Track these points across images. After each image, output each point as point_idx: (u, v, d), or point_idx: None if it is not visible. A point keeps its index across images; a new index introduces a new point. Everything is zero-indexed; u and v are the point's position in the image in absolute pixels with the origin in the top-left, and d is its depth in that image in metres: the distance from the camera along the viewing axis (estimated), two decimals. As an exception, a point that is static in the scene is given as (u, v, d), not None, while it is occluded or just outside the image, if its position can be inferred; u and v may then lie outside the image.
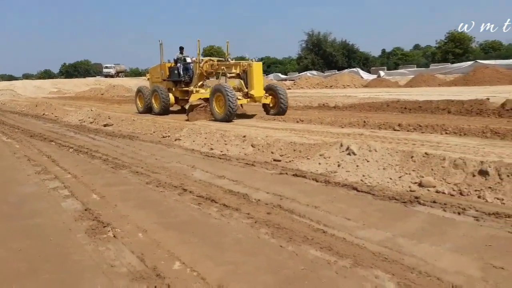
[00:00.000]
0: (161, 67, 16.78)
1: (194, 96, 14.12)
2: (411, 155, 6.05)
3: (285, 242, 3.91)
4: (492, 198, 4.82)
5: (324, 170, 6.47)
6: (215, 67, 14.53)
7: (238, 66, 13.40)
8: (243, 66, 13.13)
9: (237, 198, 5.37)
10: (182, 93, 16.04)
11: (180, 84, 16.04)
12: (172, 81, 16.33)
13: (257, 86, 12.79)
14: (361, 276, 3.21)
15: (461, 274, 3.15)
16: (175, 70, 16.08)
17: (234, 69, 13.55)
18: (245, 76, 13.06)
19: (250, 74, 12.77)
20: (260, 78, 13.07)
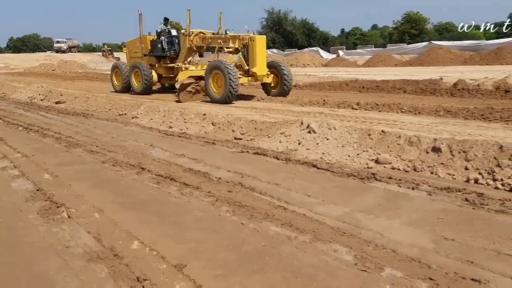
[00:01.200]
0: (141, 41, 14.81)
1: (183, 73, 12.41)
2: (368, 133, 6.19)
3: (246, 219, 3.91)
4: (444, 174, 5.03)
5: (285, 148, 6.50)
6: (207, 40, 12.79)
7: (237, 40, 11.72)
8: (243, 40, 11.47)
9: (198, 176, 5.30)
10: (166, 70, 14.33)
11: (165, 60, 14.31)
12: (155, 56, 14.54)
13: (260, 63, 11.26)
14: (321, 250, 3.27)
15: (414, 246, 3.28)
16: (158, 44, 14.20)
17: (232, 43, 11.84)
18: (245, 51, 11.51)
19: (252, 49, 11.18)
20: (264, 54, 11.56)
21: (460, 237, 3.40)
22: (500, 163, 4.75)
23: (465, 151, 5.13)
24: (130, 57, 15.61)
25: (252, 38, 11.20)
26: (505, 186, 4.48)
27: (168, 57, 14.18)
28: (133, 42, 15.49)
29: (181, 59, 13.56)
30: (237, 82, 10.50)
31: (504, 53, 24.92)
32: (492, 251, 3.14)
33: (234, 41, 11.79)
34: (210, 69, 11.09)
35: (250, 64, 11.35)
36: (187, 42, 13.12)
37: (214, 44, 12.57)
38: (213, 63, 11.15)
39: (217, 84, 11.06)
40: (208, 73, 11.19)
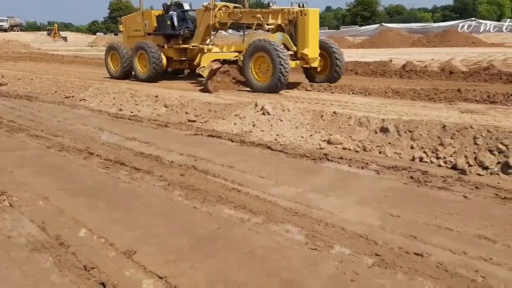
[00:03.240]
0: (144, 16, 12.09)
1: (207, 56, 9.85)
2: (321, 114, 6.28)
3: (199, 203, 3.87)
4: (392, 153, 5.21)
5: (240, 130, 6.48)
6: (236, 16, 10.01)
7: (280, 15, 9.26)
8: (290, 15, 9.07)
9: (149, 160, 5.17)
10: (177, 52, 11.67)
11: (176, 40, 11.62)
12: (163, 35, 11.77)
13: (313, 43, 9.02)
14: (273, 231, 3.30)
15: (362, 224, 3.39)
16: (167, 21, 11.52)
17: (273, 19, 9.37)
18: (292, 28, 9.15)
19: (303, 26, 8.87)
20: (317, 32, 9.21)
21: (405, 214, 3.55)
22: (443, 141, 4.98)
23: (411, 130, 5.33)
24: (128, 36, 12.77)
25: (303, 12, 8.87)
26: (447, 164, 4.72)
27: (181, 36, 11.54)
28: (132, 18, 12.76)
29: (197, 39, 10.96)
30: (289, 68, 8.44)
31: (449, 35, 26.05)
32: (434, 226, 3.31)
33: (276, 16, 9.32)
34: (252, 51, 8.82)
35: (300, 44, 8.99)
36: (210, 18, 10.32)
37: (245, 20, 10.06)
38: (256, 44, 8.76)
39: (260, 70, 8.88)
40: (248, 56, 8.88)
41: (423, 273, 2.65)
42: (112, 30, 70.72)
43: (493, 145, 4.58)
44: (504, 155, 4.43)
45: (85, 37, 59.06)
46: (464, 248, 2.93)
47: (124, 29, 13.01)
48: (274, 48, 8.37)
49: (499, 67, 11.22)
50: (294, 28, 9.14)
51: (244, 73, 9.12)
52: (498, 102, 6.85)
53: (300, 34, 9.00)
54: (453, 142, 4.90)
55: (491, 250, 2.89)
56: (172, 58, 11.76)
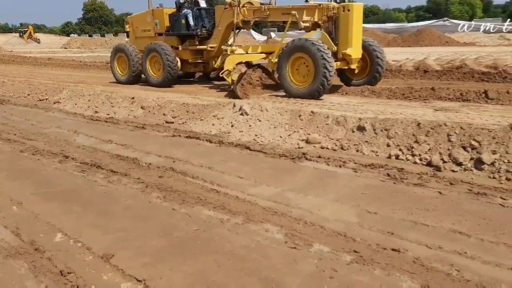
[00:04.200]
0: (155, 15, 11.02)
1: (231, 59, 8.75)
2: (299, 114, 6.31)
3: (178, 204, 3.84)
4: (368, 151, 5.29)
5: (218, 130, 6.45)
6: (263, 13, 8.86)
7: (317, 11, 8.20)
8: (329, 10, 8.05)
9: (126, 163, 5.10)
10: (193, 54, 10.63)
11: (192, 41, 10.58)
12: (177, 36, 10.74)
13: (356, 42, 8.04)
14: (252, 231, 3.30)
15: (340, 221, 3.42)
16: (181, 19, 10.49)
17: (308, 16, 8.32)
18: (332, 26, 8.17)
19: (346, 23, 7.87)
20: (361, 29, 8.27)
21: (382, 210, 3.60)
22: (418, 139, 5.07)
23: (387, 129, 5.41)
24: (135, 36, 11.71)
25: (346, 7, 7.88)
26: (423, 161, 4.81)
27: (198, 36, 10.49)
28: (140, 17, 11.62)
29: (217, 39, 10.07)
30: (334, 71, 7.55)
31: (423, 35, 26.60)
32: (410, 222, 3.37)
33: (312, 13, 8.26)
34: (289, 51, 7.87)
35: (342, 43, 7.98)
36: (232, 16, 9.26)
37: (274, 18, 9.09)
38: (295, 44, 7.79)
39: (298, 73, 7.91)
40: (284, 57, 7.91)
41: (400, 268, 2.70)
42: (87, 32, 69.42)
43: (466, 142, 4.69)
44: (477, 151, 4.55)
45: (59, 38, 57.86)
46: (439, 242, 2.99)
47: (130, 29, 11.89)
48: (318, 48, 7.37)
49: (471, 65, 11.50)
50: (334, 25, 8.13)
51: (279, 77, 8.13)
52: (471, 100, 7.02)
53: (342, 32, 7.94)
54: (428, 140, 5.00)
55: (465, 244, 2.96)
56: (186, 61, 10.67)
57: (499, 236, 3.04)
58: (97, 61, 19.11)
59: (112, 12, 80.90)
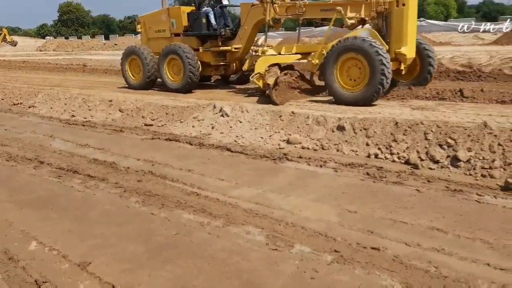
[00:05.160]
0: (171, 14, 10.04)
1: (262, 61, 7.82)
2: (279, 115, 6.32)
3: (157, 209, 3.78)
4: (348, 150, 5.32)
5: (198, 132, 6.40)
6: (299, 10, 7.98)
7: (363, 6, 7.34)
8: (379, 5, 7.17)
9: (104, 167, 5.00)
10: (215, 55, 9.72)
11: (214, 42, 9.59)
12: (197, 36, 9.76)
13: (411, 40, 7.17)
14: (233, 233, 3.27)
15: (321, 221, 3.43)
16: (202, 18, 9.54)
17: (354, 12, 7.44)
18: (383, 22, 7.39)
19: (400, 19, 6.97)
20: (415, 26, 7.34)
21: (362, 209, 3.62)
22: (396, 138, 5.14)
23: (366, 128, 5.46)
24: (148, 38, 10.72)
25: (400, 1, 7.00)
26: (401, 159, 4.87)
27: (221, 37, 9.49)
28: (153, 17, 10.63)
29: (242, 40, 9.14)
30: (391, 76, 6.70)
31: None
32: (389, 220, 3.40)
33: (358, 8, 7.41)
34: (339, 52, 6.99)
35: (395, 41, 7.08)
36: (261, 14, 8.47)
37: (311, 15, 8.25)
38: (347, 43, 6.92)
39: (348, 76, 7.05)
40: (332, 58, 7.06)
41: (380, 266, 2.71)
42: (63, 34, 68.11)
43: (442, 140, 4.77)
44: (453, 149, 4.63)
45: (34, 41, 56.54)
46: (418, 240, 3.02)
47: (142, 30, 10.90)
48: (377, 51, 6.52)
49: (447, 65, 11.71)
50: (385, 22, 7.36)
51: (325, 80, 7.28)
52: (447, 99, 7.15)
53: (395, 30, 7.08)
54: (406, 138, 5.06)
55: (443, 241, 3.00)
56: (208, 63, 9.75)
57: (475, 232, 3.09)
58: (73, 64, 18.75)
59: (89, 13, 79.72)
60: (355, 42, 6.80)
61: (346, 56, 6.93)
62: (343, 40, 6.99)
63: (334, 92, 7.15)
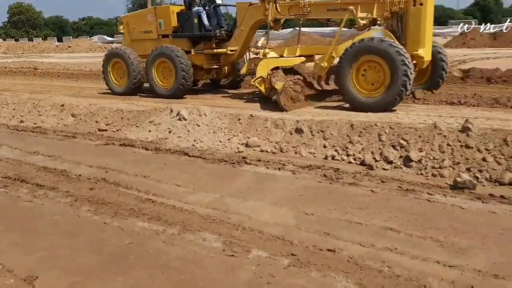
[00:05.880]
0: (158, 14, 9.34)
1: (264, 64, 7.42)
2: (238, 118, 6.29)
3: (110, 218, 3.64)
4: (306, 153, 5.37)
5: (155, 137, 6.26)
6: (303, 9, 7.50)
7: (376, 6, 6.89)
8: (394, 5, 6.71)
9: (54, 175, 4.78)
10: (208, 58, 9.10)
11: (208, 43, 8.93)
12: (189, 38, 9.09)
13: (429, 41, 6.76)
14: (189, 241, 3.20)
15: (279, 225, 3.42)
16: (193, 19, 8.91)
17: (363, 12, 6.99)
18: (398, 22, 6.95)
19: (417, 20, 6.51)
20: (432, 27, 6.84)
21: (319, 211, 3.65)
22: (352, 139, 5.24)
23: (323, 130, 5.54)
24: (132, 39, 9.89)
25: (418, 1, 6.51)
26: (357, 160, 4.97)
27: (215, 38, 8.86)
28: (138, 17, 9.91)
29: (238, 41, 8.59)
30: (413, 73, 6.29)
31: (357, 39, 27.77)
32: (345, 221, 3.45)
33: (370, 8, 6.95)
34: (356, 53, 6.52)
35: (412, 43, 6.59)
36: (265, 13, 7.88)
37: (316, 16, 7.79)
38: (364, 44, 6.45)
39: (365, 79, 6.60)
40: (348, 60, 6.59)
41: (336, 268, 2.74)
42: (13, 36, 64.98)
43: (395, 141, 4.91)
44: (405, 149, 4.77)
45: (-18, 43, 53.65)
46: (372, 240, 3.08)
47: (125, 31, 10.04)
48: (398, 51, 6.11)
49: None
50: (400, 22, 6.94)
51: (339, 84, 6.82)
52: (400, 100, 7.37)
53: (412, 30, 6.62)
54: (361, 140, 5.17)
55: (396, 240, 3.08)
56: (200, 67, 9.09)
57: (426, 231, 3.19)
58: (24, 67, 17.90)
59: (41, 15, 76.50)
60: (373, 43, 6.36)
61: (363, 58, 6.48)
62: (359, 41, 6.52)
63: (350, 97, 6.67)
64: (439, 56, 7.34)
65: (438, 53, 7.35)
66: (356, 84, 6.60)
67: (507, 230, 3.14)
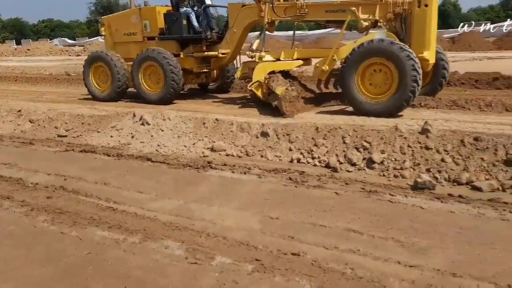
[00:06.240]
0: (143, 15, 8.85)
1: (261, 68, 7.10)
2: (203, 122, 6.23)
3: (68, 227, 3.50)
4: (272, 156, 5.37)
5: (117, 143, 6.09)
6: (300, 10, 7.26)
7: (378, 7, 6.66)
8: (397, 6, 6.52)
9: (9, 184, 4.56)
10: (198, 62, 8.69)
11: (197, 46, 8.55)
12: (177, 40, 8.65)
13: (433, 44, 6.55)
14: (151, 249, 3.12)
15: (244, 230, 3.39)
16: (182, 20, 8.48)
17: (365, 14, 6.75)
18: (402, 24, 6.71)
19: (423, 22, 6.31)
20: (436, 29, 6.66)
21: (284, 215, 3.65)
22: (316, 142, 5.28)
23: (289, 133, 5.56)
24: (114, 41, 9.39)
25: (422, 2, 6.31)
26: (322, 163, 5.01)
27: (206, 40, 8.49)
28: (121, 18, 9.35)
29: (231, 44, 8.26)
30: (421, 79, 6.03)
31: (322, 42, 28.23)
32: (309, 224, 3.45)
33: (372, 10, 6.71)
34: (363, 56, 6.24)
35: (416, 46, 6.30)
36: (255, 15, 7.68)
37: (314, 17, 7.53)
38: (372, 46, 6.17)
39: (371, 82, 6.34)
40: (354, 62, 6.31)
41: (299, 272, 2.73)
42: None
43: (358, 143, 4.99)
44: (368, 151, 4.85)
45: None
46: (335, 242, 3.10)
47: (107, 33, 9.47)
48: (409, 55, 5.87)
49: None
50: (403, 24, 6.70)
51: (343, 87, 6.52)
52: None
53: (416, 33, 6.40)
54: (326, 142, 5.22)
55: (359, 242, 3.11)
56: (189, 70, 8.68)
57: (388, 232, 3.24)
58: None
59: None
60: (382, 45, 6.09)
61: (370, 61, 6.21)
62: (368, 42, 6.23)
63: (355, 101, 6.39)
64: (441, 63, 7.06)
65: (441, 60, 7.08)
66: (361, 87, 6.35)
67: (464, 229, 3.24)
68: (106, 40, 9.62)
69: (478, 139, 4.52)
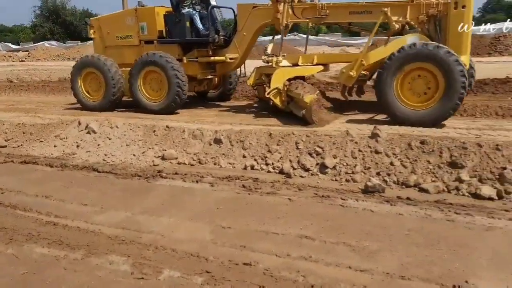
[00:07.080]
0: (140, 16, 8.09)
1: (279, 74, 6.68)
2: (153, 129, 6.04)
3: (4, 245, 3.24)
4: (226, 163, 5.28)
5: (61, 153, 5.77)
6: (321, 12, 6.79)
7: (409, 8, 6.27)
8: (431, 8, 6.16)
9: None
10: (202, 67, 8.05)
11: (203, 51, 7.86)
12: (179, 43, 7.94)
13: (468, 48, 6.17)
14: (94, 265, 2.93)
15: (194, 241, 3.27)
16: (185, 22, 7.73)
17: (395, 15, 6.30)
18: (436, 28, 6.29)
19: (457, 24, 5.95)
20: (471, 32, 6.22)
21: (236, 224, 3.56)
22: (270, 148, 5.25)
23: (242, 140, 5.49)
24: (105, 45, 8.58)
25: (459, 3, 5.92)
26: (275, 169, 4.97)
27: (212, 44, 7.78)
28: (114, 19, 8.51)
29: (239, 48, 7.67)
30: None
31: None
32: (262, 232, 3.39)
33: (403, 11, 6.31)
34: (402, 61, 5.78)
35: (452, 49, 5.70)
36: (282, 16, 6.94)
37: (335, 19, 7.06)
38: (415, 51, 5.69)
39: (411, 90, 5.87)
40: (391, 68, 5.83)
41: (251, 282, 2.65)
42: None
43: (311, 148, 5.00)
44: (321, 156, 4.88)
45: None
46: (287, 250, 3.05)
47: (97, 36, 8.65)
48: (457, 60, 5.46)
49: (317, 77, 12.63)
50: (438, 26, 6.30)
51: (381, 96, 5.99)
52: (316, 109, 7.57)
53: (453, 36, 6.01)
54: (279, 148, 5.20)
55: (311, 248, 3.08)
56: (193, 77, 8.01)
57: (339, 236, 3.24)
58: None
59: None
60: (428, 49, 5.62)
61: (413, 65, 5.76)
62: (410, 46, 5.77)
63: (393, 109, 5.92)
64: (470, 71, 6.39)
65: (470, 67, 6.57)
66: (400, 95, 5.89)
67: (412, 231, 3.30)
68: (96, 43, 8.80)
69: (425, 142, 4.67)
